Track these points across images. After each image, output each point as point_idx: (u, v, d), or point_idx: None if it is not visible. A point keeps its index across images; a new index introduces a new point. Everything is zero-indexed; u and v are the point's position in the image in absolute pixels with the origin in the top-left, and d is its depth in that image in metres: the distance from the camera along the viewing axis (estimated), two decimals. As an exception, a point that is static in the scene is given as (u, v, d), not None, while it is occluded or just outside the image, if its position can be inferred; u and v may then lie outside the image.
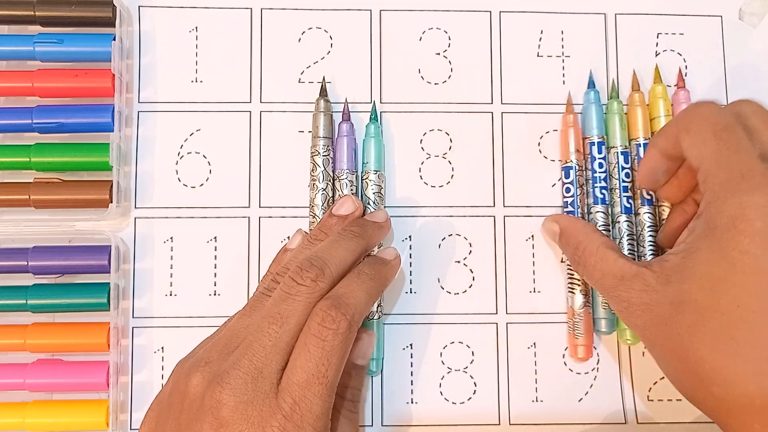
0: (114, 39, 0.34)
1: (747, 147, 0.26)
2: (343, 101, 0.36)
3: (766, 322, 0.24)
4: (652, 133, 0.35)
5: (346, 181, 0.33)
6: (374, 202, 0.33)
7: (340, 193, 0.33)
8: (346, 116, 0.35)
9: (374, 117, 0.35)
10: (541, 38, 0.37)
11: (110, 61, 0.34)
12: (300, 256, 0.30)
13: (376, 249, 0.33)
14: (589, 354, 0.34)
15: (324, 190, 0.33)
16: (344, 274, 0.29)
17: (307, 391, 0.25)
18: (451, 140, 0.36)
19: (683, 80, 0.36)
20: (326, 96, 0.35)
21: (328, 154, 0.34)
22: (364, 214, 0.33)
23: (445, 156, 0.36)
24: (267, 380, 0.26)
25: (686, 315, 0.25)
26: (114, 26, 0.34)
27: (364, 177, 0.34)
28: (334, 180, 0.34)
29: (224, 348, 0.27)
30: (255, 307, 0.29)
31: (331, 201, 0.34)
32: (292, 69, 0.36)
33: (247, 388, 0.25)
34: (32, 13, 0.34)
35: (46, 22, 0.34)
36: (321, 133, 0.34)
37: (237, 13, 0.36)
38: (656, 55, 0.37)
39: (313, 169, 0.34)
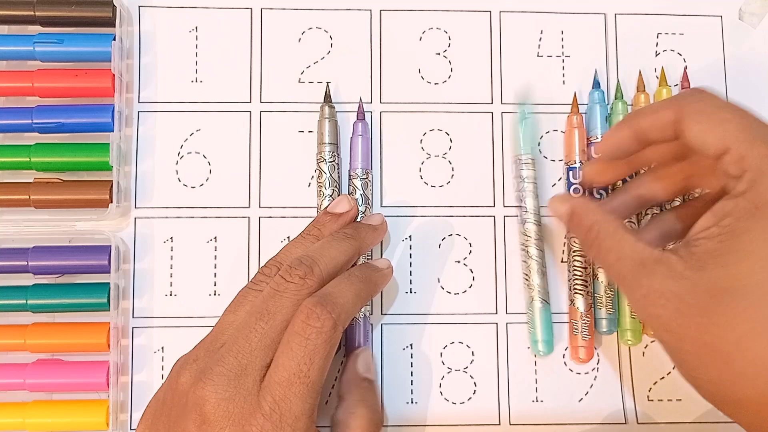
0: (114, 39, 0.34)
1: (760, 121, 0.25)
2: (345, 101, 0.36)
3: None
4: None
5: (360, 180, 0.34)
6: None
7: (359, 192, 0.34)
8: (361, 115, 0.35)
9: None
10: (541, 38, 0.37)
11: (110, 61, 0.34)
12: (291, 252, 0.30)
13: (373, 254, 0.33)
14: (591, 355, 0.34)
15: (330, 196, 0.33)
16: (335, 275, 0.29)
17: (288, 391, 0.25)
18: (451, 140, 0.36)
19: (688, 81, 0.36)
20: (330, 102, 0.35)
21: (334, 161, 0.34)
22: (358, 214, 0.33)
23: (445, 156, 0.36)
24: (250, 377, 0.26)
25: (731, 303, 0.23)
26: (114, 26, 0.34)
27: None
28: (349, 179, 0.34)
29: (211, 344, 0.27)
30: (241, 302, 0.29)
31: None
32: (292, 69, 0.36)
33: (229, 384, 0.25)
34: (32, 13, 0.34)
35: (46, 22, 0.34)
36: (327, 140, 0.34)
37: (237, 13, 0.36)
38: (656, 55, 0.37)
39: (319, 176, 0.34)
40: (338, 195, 0.34)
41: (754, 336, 0.22)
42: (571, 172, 0.34)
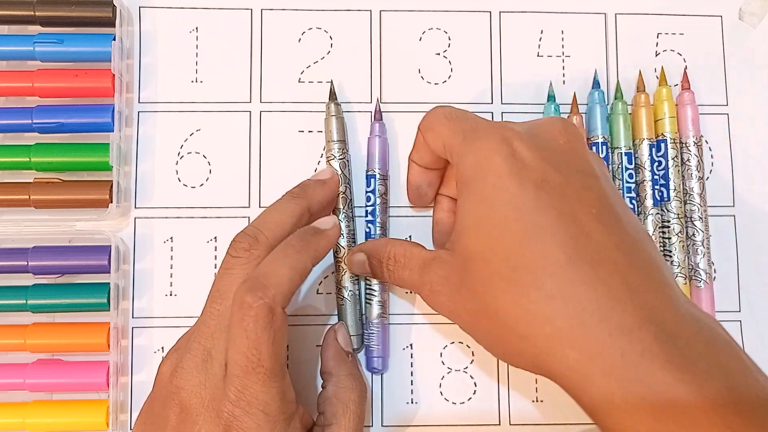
0: (114, 39, 0.34)
1: (470, 115, 0.29)
2: (345, 102, 0.36)
3: (532, 253, 0.24)
4: (656, 134, 0.35)
5: (377, 183, 0.34)
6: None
7: (374, 197, 0.34)
8: (378, 116, 0.35)
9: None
10: (541, 38, 0.37)
11: (110, 61, 0.34)
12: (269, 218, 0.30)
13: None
14: None
15: (344, 193, 0.33)
16: (284, 238, 0.28)
17: (247, 381, 0.25)
18: (451, 140, 0.36)
19: (688, 81, 0.36)
20: (336, 99, 0.35)
21: (344, 158, 0.34)
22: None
23: (445, 156, 0.36)
24: (216, 361, 0.26)
25: (474, 269, 0.26)
26: (114, 26, 0.34)
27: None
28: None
29: (189, 333, 0.28)
30: (214, 288, 0.28)
31: (350, 204, 0.34)
32: (292, 69, 0.36)
33: (199, 371, 0.26)
34: (32, 13, 0.34)
35: (46, 22, 0.34)
36: (335, 137, 0.34)
37: (237, 13, 0.36)
38: (656, 55, 0.37)
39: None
40: (350, 192, 0.34)
41: (501, 294, 0.25)
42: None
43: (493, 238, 0.25)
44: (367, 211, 0.34)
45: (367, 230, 0.34)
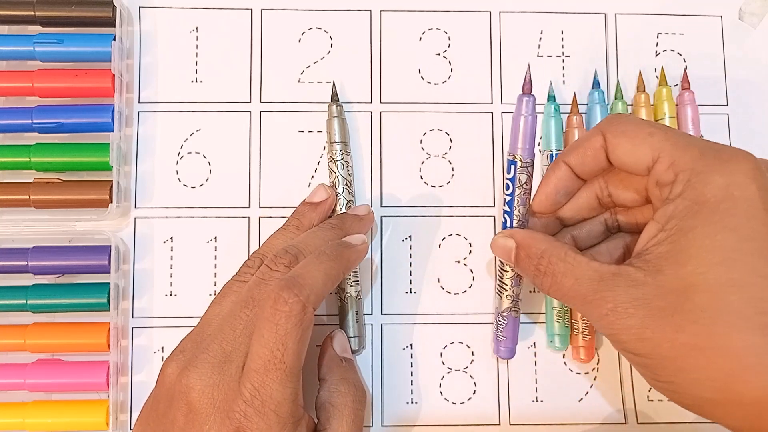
0: (114, 39, 0.34)
1: (682, 134, 0.26)
2: (346, 102, 0.36)
3: None
4: None
5: (520, 166, 0.30)
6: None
7: (517, 186, 0.30)
8: (528, 87, 0.30)
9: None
10: (541, 38, 0.37)
11: (110, 61, 0.34)
12: (273, 244, 0.31)
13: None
14: (591, 356, 0.34)
15: (343, 195, 0.33)
16: None
17: (266, 377, 0.25)
18: (451, 140, 0.36)
19: (688, 81, 0.36)
20: (338, 100, 0.35)
21: (344, 159, 0.34)
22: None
23: (445, 156, 0.36)
24: (233, 364, 0.26)
25: (701, 301, 0.23)
26: (114, 26, 0.34)
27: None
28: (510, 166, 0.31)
29: (197, 336, 0.28)
30: (226, 294, 0.29)
31: (349, 205, 0.34)
32: (292, 69, 0.36)
33: (213, 371, 0.26)
34: (32, 13, 0.34)
35: (46, 22, 0.34)
36: (337, 138, 0.34)
37: (237, 13, 0.36)
38: (656, 55, 0.37)
39: (329, 175, 0.34)
40: (352, 193, 0.34)
41: (733, 329, 0.22)
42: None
43: (737, 271, 0.23)
44: (504, 200, 0.30)
45: (503, 221, 0.31)
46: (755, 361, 0.22)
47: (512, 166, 0.30)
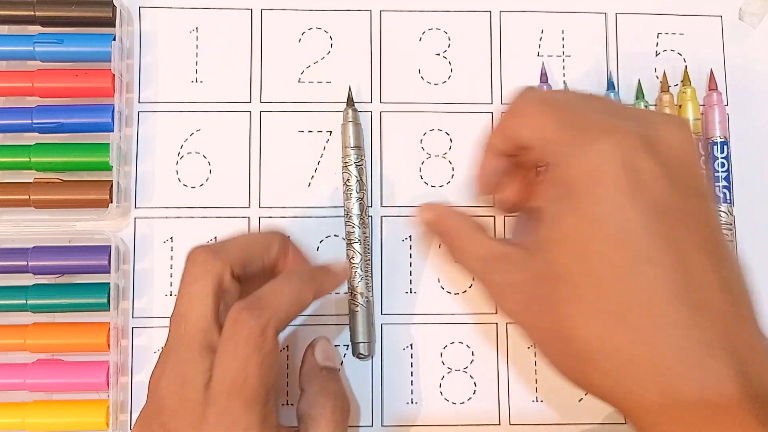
0: (114, 39, 0.34)
1: (572, 101, 0.26)
2: (345, 102, 0.36)
3: (631, 285, 0.22)
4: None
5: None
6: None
7: None
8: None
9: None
10: (541, 38, 0.37)
11: (110, 61, 0.34)
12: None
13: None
14: None
15: (361, 199, 0.34)
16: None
17: (230, 402, 0.24)
18: (451, 140, 0.36)
19: (715, 82, 0.35)
20: (353, 105, 0.35)
21: (361, 164, 0.34)
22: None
23: (445, 156, 0.36)
24: (191, 386, 0.25)
25: (559, 288, 0.23)
26: (114, 26, 0.34)
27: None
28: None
29: (167, 349, 0.27)
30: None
31: (366, 211, 0.34)
32: (292, 69, 0.36)
33: (174, 395, 0.25)
34: (32, 13, 0.34)
35: (46, 22, 0.34)
36: (352, 143, 0.34)
37: (237, 13, 0.36)
38: (656, 55, 0.37)
39: (348, 180, 0.34)
40: (365, 199, 0.34)
41: (583, 322, 0.23)
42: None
43: (590, 260, 0.23)
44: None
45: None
46: (599, 347, 0.23)
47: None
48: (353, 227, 0.33)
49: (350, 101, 0.35)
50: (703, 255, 0.23)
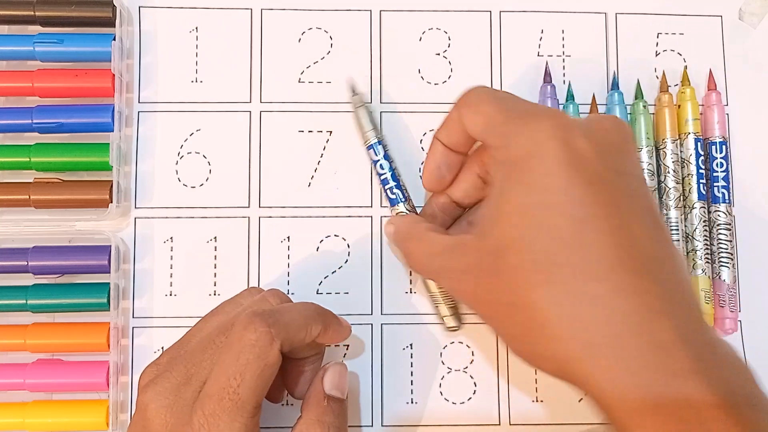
0: (114, 39, 0.34)
1: (517, 97, 0.28)
2: (346, 101, 0.36)
3: (576, 250, 0.23)
4: (680, 134, 0.35)
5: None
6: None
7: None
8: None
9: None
10: (541, 38, 0.37)
11: (110, 61, 0.34)
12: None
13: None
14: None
15: (406, 202, 0.33)
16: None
17: (217, 406, 0.24)
18: (451, 140, 0.36)
19: (714, 82, 0.36)
20: (356, 91, 0.34)
21: (382, 141, 0.34)
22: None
23: (445, 156, 0.36)
24: (191, 388, 0.25)
25: (508, 257, 0.24)
26: (114, 26, 0.34)
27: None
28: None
29: (175, 351, 0.27)
30: (216, 313, 0.29)
31: (405, 189, 0.34)
32: (292, 69, 0.36)
33: (170, 393, 0.25)
34: (32, 13, 0.34)
35: (46, 22, 0.34)
36: (368, 126, 0.34)
37: (237, 13, 0.36)
38: (656, 55, 0.37)
39: (380, 180, 0.34)
40: (410, 202, 0.34)
41: (536, 289, 0.23)
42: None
43: (536, 226, 0.24)
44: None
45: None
46: (549, 312, 0.23)
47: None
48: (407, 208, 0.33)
49: (353, 89, 0.34)
50: (641, 227, 0.24)
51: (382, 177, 0.34)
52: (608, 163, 0.25)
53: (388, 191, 0.34)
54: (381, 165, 0.34)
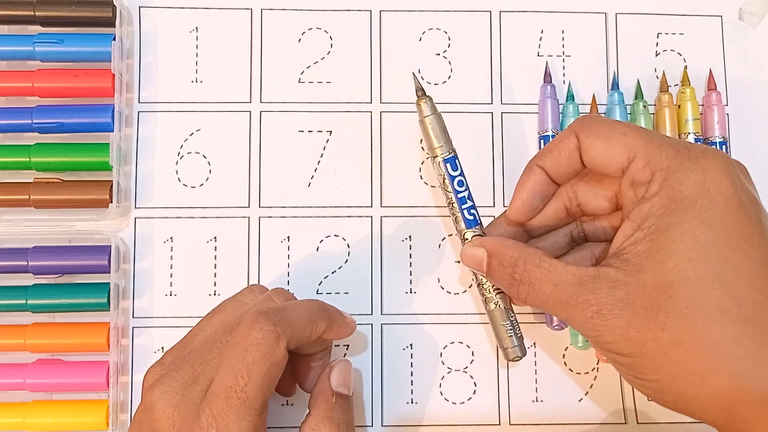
0: (114, 39, 0.34)
1: (651, 130, 0.27)
2: (346, 101, 0.36)
3: (760, 287, 0.23)
4: (680, 134, 0.35)
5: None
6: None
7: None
8: (548, 78, 0.35)
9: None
10: (541, 38, 0.37)
11: (110, 61, 0.34)
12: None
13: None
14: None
15: (474, 221, 0.30)
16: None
17: (225, 405, 0.24)
18: (451, 140, 0.36)
19: (714, 82, 0.36)
20: (424, 94, 0.30)
21: (454, 156, 0.30)
22: None
23: (445, 156, 0.36)
24: (198, 387, 0.25)
25: (683, 296, 0.23)
26: (114, 26, 0.34)
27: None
28: None
29: (179, 350, 0.27)
30: (219, 311, 0.29)
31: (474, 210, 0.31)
32: (292, 69, 0.36)
33: (177, 392, 0.25)
34: (32, 13, 0.34)
35: (46, 22, 0.34)
36: (437, 142, 0.30)
37: (237, 13, 0.36)
38: (656, 55, 0.37)
39: (446, 200, 0.31)
40: (480, 224, 0.30)
41: (713, 323, 0.23)
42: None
43: (715, 265, 0.23)
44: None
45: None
46: (732, 352, 0.23)
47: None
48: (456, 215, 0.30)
49: (420, 90, 0.30)
50: None
51: (460, 195, 0.30)
52: (760, 203, 0.25)
53: (465, 211, 0.30)
54: (459, 182, 0.30)
